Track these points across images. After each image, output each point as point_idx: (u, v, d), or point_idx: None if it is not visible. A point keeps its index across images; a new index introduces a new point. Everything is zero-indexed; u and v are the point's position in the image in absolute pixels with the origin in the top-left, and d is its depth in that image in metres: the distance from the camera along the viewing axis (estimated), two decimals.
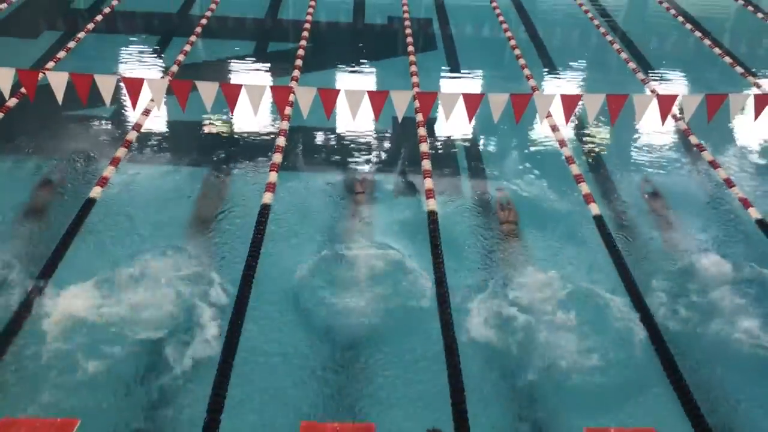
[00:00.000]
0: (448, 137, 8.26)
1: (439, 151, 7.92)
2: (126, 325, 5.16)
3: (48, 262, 5.76)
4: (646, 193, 7.47)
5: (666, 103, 6.97)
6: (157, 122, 8.22)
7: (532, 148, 8.13)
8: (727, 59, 11.05)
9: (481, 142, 8.29)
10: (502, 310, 5.55)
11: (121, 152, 7.35)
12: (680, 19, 13.15)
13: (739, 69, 10.68)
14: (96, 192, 6.67)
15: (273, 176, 7.03)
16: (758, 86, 10.09)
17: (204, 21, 11.55)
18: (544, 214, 6.98)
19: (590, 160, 7.94)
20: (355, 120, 7.24)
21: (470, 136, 8.28)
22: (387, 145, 8.01)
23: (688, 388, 4.80)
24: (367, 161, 7.72)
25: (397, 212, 6.88)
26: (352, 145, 7.98)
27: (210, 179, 7.28)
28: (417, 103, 7.20)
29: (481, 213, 6.99)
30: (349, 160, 7.75)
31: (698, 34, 12.26)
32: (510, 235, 6.74)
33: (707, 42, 11.85)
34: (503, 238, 6.60)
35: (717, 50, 11.46)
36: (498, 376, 5.07)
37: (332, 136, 8.18)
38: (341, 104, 6.96)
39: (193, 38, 10.69)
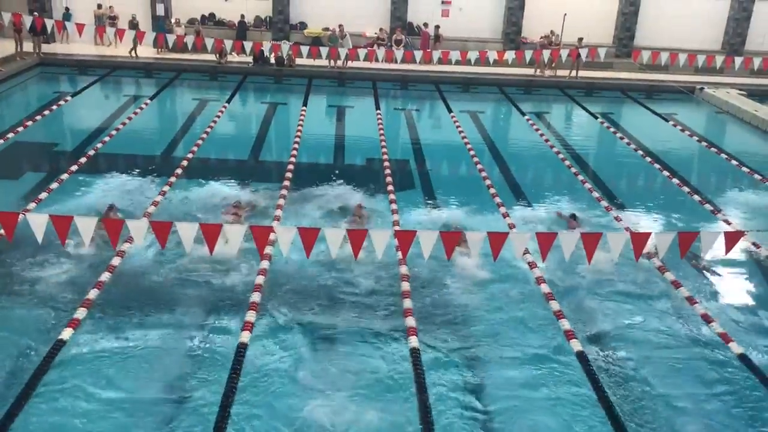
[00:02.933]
0: (428, 273, 8.28)
1: (420, 288, 7.91)
2: None
3: (9, 409, 5.55)
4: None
5: (639, 240, 7.11)
6: (133, 262, 8.15)
7: (510, 285, 8.15)
8: (696, 197, 11.42)
9: (460, 279, 8.29)
10: None
11: (92, 294, 7.23)
12: (648, 159, 13.72)
13: (708, 207, 11.01)
14: (66, 333, 6.51)
15: (251, 315, 6.95)
16: (728, 223, 10.36)
17: (185, 162, 11.81)
18: (523, 350, 6.92)
19: (569, 296, 7.95)
20: (334, 258, 7.29)
21: (449, 273, 8.30)
22: (367, 281, 8.01)
23: None
24: (349, 297, 7.68)
25: (378, 353, 6.78)
26: (331, 283, 7.96)
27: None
28: (396, 241, 7.27)
29: (461, 345, 6.93)
30: (330, 296, 7.71)
31: (666, 173, 12.75)
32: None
33: (675, 181, 12.30)
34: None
35: (686, 189, 11.88)
36: None
37: (314, 272, 8.16)
38: (321, 243, 7.01)
39: (173, 179, 10.88)
